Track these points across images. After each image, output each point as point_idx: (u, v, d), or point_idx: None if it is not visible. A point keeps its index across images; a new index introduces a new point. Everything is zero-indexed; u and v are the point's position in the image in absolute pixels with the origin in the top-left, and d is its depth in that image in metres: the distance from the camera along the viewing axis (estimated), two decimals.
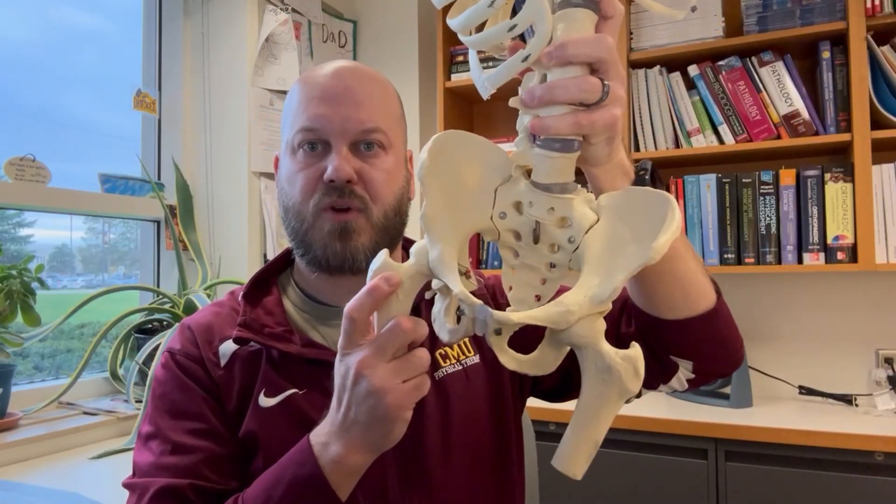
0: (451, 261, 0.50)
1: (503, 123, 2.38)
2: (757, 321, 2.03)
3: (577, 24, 0.48)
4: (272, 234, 1.93)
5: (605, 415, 0.48)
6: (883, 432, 1.51)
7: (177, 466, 0.70)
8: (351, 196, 0.74)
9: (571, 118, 0.48)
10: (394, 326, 0.53)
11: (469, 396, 0.79)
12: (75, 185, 1.65)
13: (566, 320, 0.46)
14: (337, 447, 0.58)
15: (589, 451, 0.49)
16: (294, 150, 0.77)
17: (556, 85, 0.48)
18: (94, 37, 1.92)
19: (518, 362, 0.51)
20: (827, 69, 1.79)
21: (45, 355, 1.74)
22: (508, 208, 0.52)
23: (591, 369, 0.48)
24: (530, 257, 0.52)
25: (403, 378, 0.54)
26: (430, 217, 0.51)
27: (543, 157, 0.50)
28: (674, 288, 0.65)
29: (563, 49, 0.48)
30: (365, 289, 0.53)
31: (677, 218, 0.46)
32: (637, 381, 0.47)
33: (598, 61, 0.49)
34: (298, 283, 0.83)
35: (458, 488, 0.76)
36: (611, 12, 0.50)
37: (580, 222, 0.50)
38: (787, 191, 1.82)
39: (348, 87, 0.76)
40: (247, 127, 1.90)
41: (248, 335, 0.75)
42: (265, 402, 0.74)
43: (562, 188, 0.50)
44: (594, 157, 0.54)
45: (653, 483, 1.67)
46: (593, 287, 0.47)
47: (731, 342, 0.72)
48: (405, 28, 2.36)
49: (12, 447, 1.32)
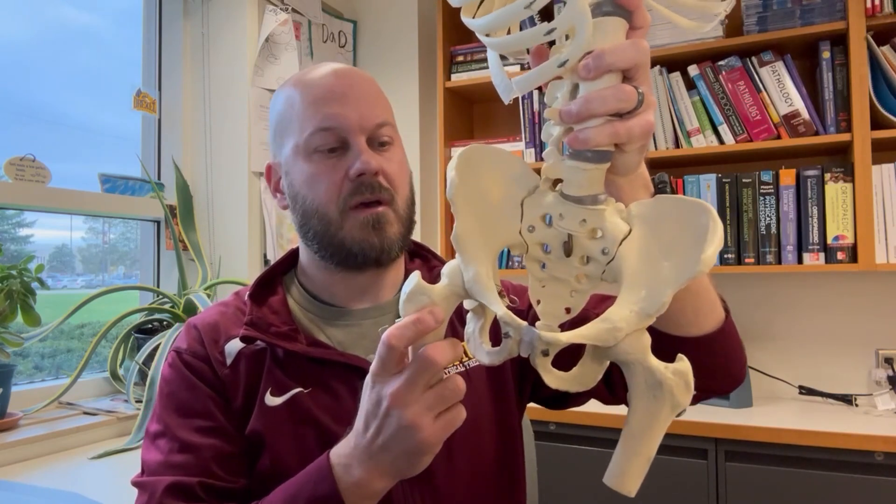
0: (488, 281, 0.49)
1: (503, 124, 2.38)
2: (757, 321, 2.03)
3: (610, 33, 0.47)
4: (272, 234, 1.93)
5: (658, 430, 0.47)
6: (883, 432, 1.51)
7: (185, 464, 0.71)
8: (379, 190, 0.75)
9: (609, 129, 0.47)
10: (423, 359, 0.51)
11: (471, 398, 0.80)
12: (75, 185, 1.65)
13: (614, 337, 0.45)
14: (360, 471, 0.57)
15: (643, 467, 0.48)
16: (309, 153, 0.76)
17: (594, 97, 0.47)
18: (95, 37, 1.92)
19: (561, 381, 0.49)
20: (827, 69, 1.79)
21: (45, 355, 1.74)
22: (537, 221, 0.51)
23: (640, 386, 0.47)
24: (560, 270, 0.51)
25: (437, 412, 0.53)
26: (462, 237, 0.50)
27: (576, 168, 0.49)
28: (686, 304, 0.64)
29: (601, 59, 0.46)
30: (409, 319, 0.51)
31: (720, 227, 0.45)
32: (689, 394, 0.46)
33: (635, 67, 0.48)
34: (304, 284, 0.84)
35: (460, 487, 0.76)
36: (641, 23, 0.49)
37: (613, 233, 0.49)
38: (787, 191, 1.82)
39: (353, 84, 0.77)
40: (247, 127, 1.90)
41: (255, 334, 0.76)
42: (271, 401, 0.74)
43: (593, 199, 0.49)
44: (625, 166, 0.53)
45: (653, 483, 1.67)
46: (639, 301, 0.46)
47: (735, 362, 0.71)
48: (405, 28, 2.36)
49: (12, 447, 1.32)
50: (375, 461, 0.56)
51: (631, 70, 0.48)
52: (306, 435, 0.73)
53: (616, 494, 0.52)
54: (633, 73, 0.49)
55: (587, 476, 1.73)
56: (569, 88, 0.50)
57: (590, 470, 1.73)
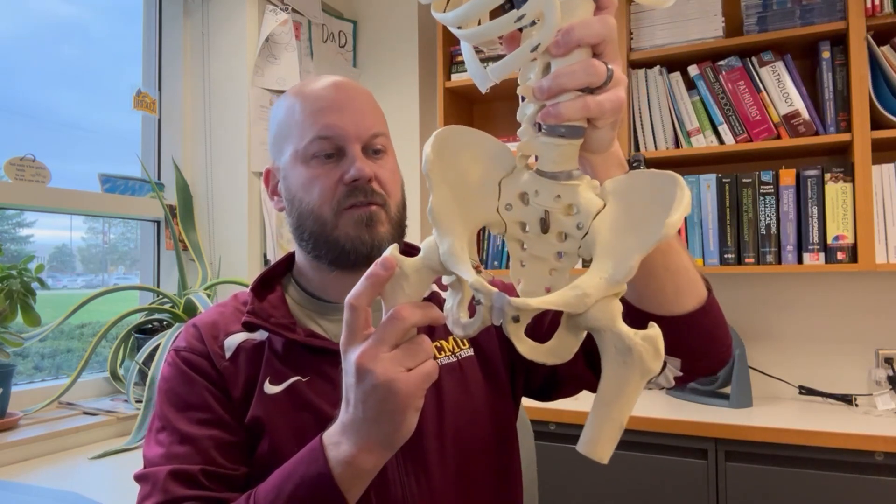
0: (461, 252, 0.50)
1: (503, 123, 2.38)
2: (757, 321, 2.03)
3: (576, 10, 0.48)
4: (272, 234, 1.93)
5: (629, 396, 0.47)
6: (883, 432, 1.51)
7: (187, 454, 0.73)
8: (372, 194, 0.79)
9: (580, 102, 0.48)
10: (392, 315, 0.53)
11: (464, 388, 0.82)
12: (75, 185, 1.65)
13: (583, 303, 0.46)
14: (348, 447, 0.58)
15: (614, 433, 0.48)
16: (307, 159, 0.80)
17: (564, 72, 0.48)
18: (95, 37, 1.92)
19: (535, 350, 0.50)
20: (827, 69, 1.79)
21: (45, 355, 1.74)
22: (514, 200, 0.52)
23: (610, 351, 0.47)
24: (538, 248, 0.52)
25: (408, 366, 0.53)
26: (437, 211, 0.51)
27: (550, 144, 0.50)
28: (666, 282, 0.65)
29: (569, 34, 0.48)
30: (362, 277, 0.53)
31: (686, 194, 0.45)
32: (658, 359, 0.47)
33: (602, 42, 0.49)
34: (301, 284, 0.87)
35: (453, 473, 0.78)
36: (606, 3, 0.50)
37: (587, 208, 0.49)
38: (787, 191, 1.82)
39: (351, 97, 0.82)
40: (247, 127, 1.90)
41: (256, 321, 0.79)
42: (270, 389, 0.77)
43: (567, 175, 0.50)
44: (598, 143, 0.54)
45: (653, 483, 1.67)
46: (608, 269, 0.47)
47: (721, 340, 0.72)
48: (405, 28, 2.36)
49: (12, 447, 1.32)
50: (362, 433, 0.57)
51: (599, 45, 0.49)
52: (305, 421, 0.75)
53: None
54: (602, 49, 0.50)
55: (587, 476, 1.73)
56: (541, 67, 0.51)
57: (590, 470, 1.73)
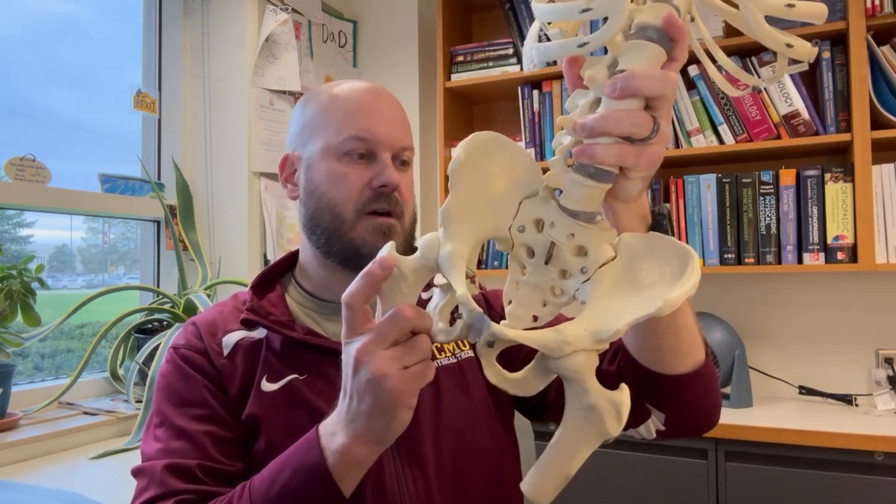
0: (460, 261, 0.50)
1: (503, 124, 2.38)
2: (757, 321, 2.03)
3: (647, 59, 0.48)
4: (272, 234, 1.93)
5: (581, 451, 0.48)
6: (883, 432, 1.51)
7: (183, 449, 0.73)
8: (395, 203, 0.80)
9: (617, 149, 0.48)
10: (394, 313, 0.53)
11: (463, 388, 0.83)
12: (75, 185, 1.65)
13: (561, 350, 0.46)
14: (342, 437, 0.58)
15: (559, 483, 0.48)
16: (339, 155, 0.81)
17: (610, 116, 0.48)
18: (95, 37, 1.92)
19: (502, 379, 0.50)
20: (827, 69, 1.79)
21: (45, 355, 1.74)
22: (529, 223, 0.52)
23: (574, 403, 0.47)
24: (538, 277, 0.52)
25: (404, 364, 0.54)
26: (450, 213, 0.50)
27: (577, 183, 0.49)
28: (665, 340, 0.65)
29: (629, 81, 0.47)
30: (359, 276, 0.53)
31: (696, 274, 0.45)
32: (618, 425, 0.47)
33: (660, 98, 0.49)
34: (301, 283, 0.87)
35: (448, 474, 0.78)
36: (679, 56, 0.50)
37: (596, 256, 0.49)
38: (787, 191, 1.82)
39: (389, 106, 0.84)
40: (247, 127, 1.90)
41: (255, 318, 0.80)
42: (267, 386, 0.77)
43: (588, 217, 0.50)
44: (626, 192, 0.53)
45: (653, 483, 1.67)
46: (596, 324, 0.46)
47: (710, 406, 0.72)
48: (405, 28, 2.36)
49: (12, 447, 1.32)
50: (355, 425, 0.57)
51: (655, 100, 0.49)
52: (301, 418, 0.75)
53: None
54: (656, 104, 0.49)
55: (587, 476, 1.73)
56: (591, 100, 0.50)
57: (589, 470, 1.72)
